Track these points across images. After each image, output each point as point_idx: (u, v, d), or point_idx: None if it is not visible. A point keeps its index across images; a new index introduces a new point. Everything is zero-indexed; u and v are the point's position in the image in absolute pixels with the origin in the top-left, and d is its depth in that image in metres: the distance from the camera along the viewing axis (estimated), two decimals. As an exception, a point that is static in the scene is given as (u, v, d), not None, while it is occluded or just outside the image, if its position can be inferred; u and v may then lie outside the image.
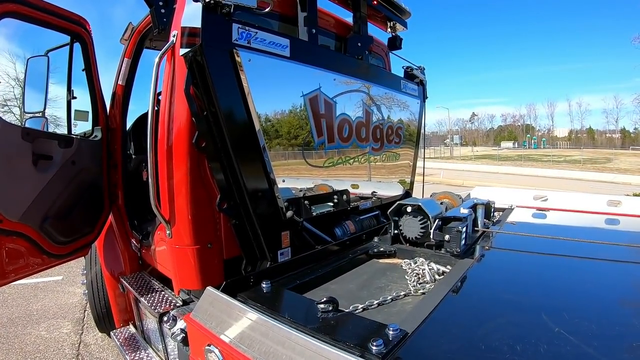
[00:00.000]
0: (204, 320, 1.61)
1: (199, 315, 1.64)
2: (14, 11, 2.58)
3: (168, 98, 2.27)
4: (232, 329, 1.48)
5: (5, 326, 4.72)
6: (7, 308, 5.31)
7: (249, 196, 2.24)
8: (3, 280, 2.68)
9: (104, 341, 4.29)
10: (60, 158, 2.97)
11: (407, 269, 2.21)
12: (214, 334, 1.54)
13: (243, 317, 1.47)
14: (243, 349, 1.39)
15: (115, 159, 3.40)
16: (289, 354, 1.24)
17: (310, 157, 2.77)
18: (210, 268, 2.39)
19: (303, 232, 2.58)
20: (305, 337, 1.25)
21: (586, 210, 3.46)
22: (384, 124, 3.56)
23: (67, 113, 3.34)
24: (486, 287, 2.00)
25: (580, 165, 36.53)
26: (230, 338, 1.45)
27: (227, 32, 2.09)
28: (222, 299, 1.59)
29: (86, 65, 3.22)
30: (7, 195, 2.58)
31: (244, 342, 1.41)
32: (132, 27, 3.39)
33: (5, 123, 2.58)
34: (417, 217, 2.43)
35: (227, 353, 1.44)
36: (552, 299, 1.78)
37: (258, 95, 2.23)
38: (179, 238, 2.35)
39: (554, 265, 2.25)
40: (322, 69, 2.75)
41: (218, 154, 2.19)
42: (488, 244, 2.54)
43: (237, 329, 1.46)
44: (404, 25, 3.70)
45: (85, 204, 3.21)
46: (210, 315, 1.60)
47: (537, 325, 1.47)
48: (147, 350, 3.15)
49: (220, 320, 1.54)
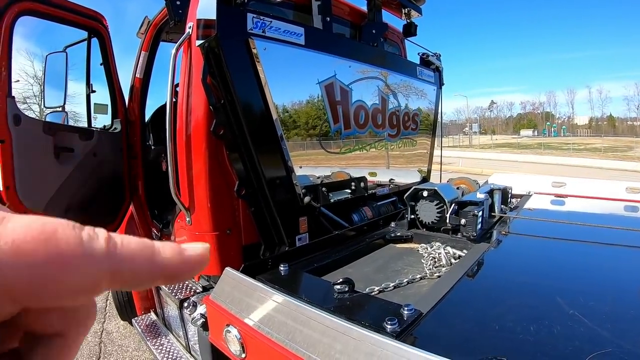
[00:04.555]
0: (223, 301, 1.67)
1: (218, 297, 1.70)
2: (32, 9, 2.65)
3: (185, 89, 2.31)
4: (250, 309, 1.53)
5: (30, 316, 4.87)
6: (32, 298, 5.46)
7: (267, 183, 2.28)
8: None
9: (126, 329, 4.42)
10: (81, 150, 3.06)
11: (424, 253, 2.24)
12: (232, 314, 1.59)
13: (261, 297, 1.52)
14: (261, 327, 1.43)
15: (135, 150, 3.49)
16: (306, 330, 1.29)
17: (328, 144, 2.80)
18: (229, 254, 2.45)
19: (320, 217, 2.62)
20: (321, 313, 1.29)
21: (605, 197, 3.43)
22: (400, 110, 3.56)
23: (87, 106, 3.45)
24: (501, 270, 2.02)
25: (601, 154, 35.75)
26: (249, 318, 1.50)
27: (242, 21, 2.12)
28: (241, 279, 1.64)
29: (104, 59, 3.31)
30: (31, 187, 2.67)
31: (262, 321, 1.45)
32: (148, 20, 3.45)
33: (27, 118, 2.66)
34: (434, 201, 2.45)
35: (246, 332, 1.49)
36: (567, 283, 1.79)
37: (274, 84, 2.26)
38: (199, 225, 2.41)
39: (571, 251, 2.25)
40: (337, 57, 2.76)
41: (236, 142, 2.23)
42: (505, 229, 2.55)
43: (255, 308, 1.51)
44: (418, 12, 3.68)
45: (106, 195, 3.32)
46: (229, 296, 1.65)
47: (552, 307, 1.48)
48: (168, 337, 3.24)
49: (239, 300, 1.59)
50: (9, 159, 2.51)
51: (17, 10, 2.54)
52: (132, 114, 3.49)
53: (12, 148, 2.52)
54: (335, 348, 1.17)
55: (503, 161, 30.18)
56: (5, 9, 2.47)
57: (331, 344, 1.19)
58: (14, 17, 2.53)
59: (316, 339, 1.24)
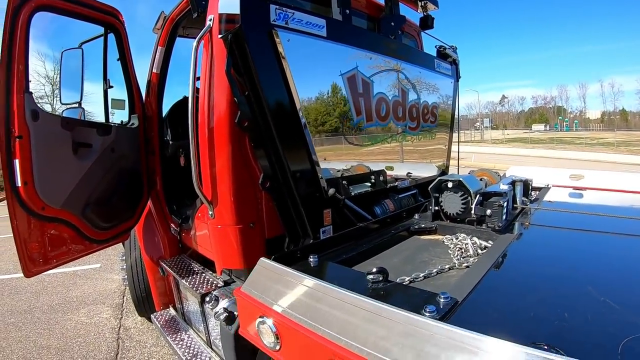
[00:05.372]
0: (256, 292, 1.68)
1: (251, 288, 1.72)
2: (48, 4, 2.67)
3: (207, 82, 2.33)
4: (287, 299, 1.55)
5: (46, 312, 4.96)
6: (47, 295, 5.57)
7: (292, 175, 2.30)
8: (46, 266, 2.82)
9: (144, 325, 4.47)
10: (99, 145, 3.08)
11: (449, 244, 2.26)
12: (267, 305, 1.60)
13: (299, 286, 1.54)
14: (298, 317, 1.45)
15: (153, 145, 3.51)
16: (347, 317, 1.30)
17: (351, 137, 2.83)
18: (253, 247, 2.47)
19: (345, 209, 2.63)
20: (364, 299, 1.31)
21: (623, 189, 3.41)
22: (419, 103, 3.57)
23: (104, 102, 3.46)
24: (529, 261, 2.03)
25: (614, 148, 35.47)
26: (285, 307, 1.52)
27: (265, 13, 2.15)
28: (277, 269, 1.67)
29: (121, 55, 3.32)
30: (49, 182, 2.69)
31: (299, 310, 1.47)
32: (164, 16, 3.47)
33: (45, 113, 2.68)
34: (458, 192, 2.46)
35: (281, 323, 1.51)
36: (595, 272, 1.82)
37: (298, 75, 2.29)
38: (222, 218, 2.44)
39: (595, 242, 2.27)
40: (357, 49, 2.78)
41: (260, 134, 2.25)
42: (527, 221, 2.56)
43: (292, 298, 1.53)
44: (435, 4, 3.68)
45: (124, 190, 3.34)
46: (263, 286, 1.67)
47: (582, 295, 1.51)
48: (188, 332, 3.27)
49: (274, 290, 1.61)
50: (27, 154, 2.54)
51: (34, 5, 2.56)
52: (150, 109, 3.52)
53: (30, 143, 2.54)
54: (377, 333, 1.19)
55: (516, 156, 30.06)
56: (22, 4, 2.49)
57: (374, 330, 1.20)
58: (30, 13, 2.55)
59: (356, 325, 1.26)
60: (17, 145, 2.49)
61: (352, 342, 1.23)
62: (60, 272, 6.27)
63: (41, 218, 2.71)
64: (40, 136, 2.60)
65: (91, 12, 3.01)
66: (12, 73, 2.44)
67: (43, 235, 2.77)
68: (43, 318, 4.81)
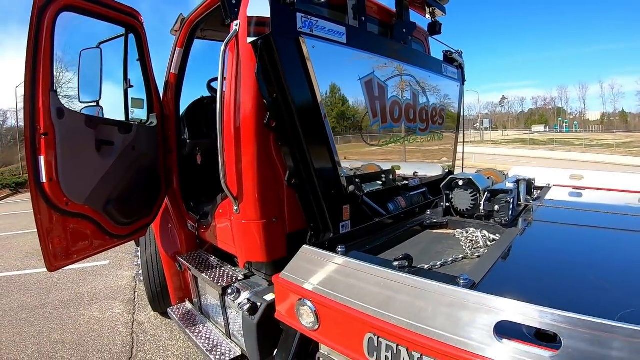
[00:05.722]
0: (296, 277, 1.91)
1: (288, 274, 1.94)
2: (73, 5, 2.80)
3: (234, 83, 2.53)
4: (327, 281, 1.78)
5: (58, 308, 5.10)
6: (58, 292, 5.73)
7: (316, 173, 2.50)
8: (68, 260, 2.93)
9: (157, 320, 4.64)
10: (120, 143, 3.23)
11: (460, 237, 2.49)
12: (307, 288, 1.83)
13: (340, 268, 1.76)
14: (338, 296, 1.68)
15: (170, 144, 3.70)
16: (387, 293, 1.53)
17: (368, 137, 3.04)
18: (275, 241, 2.67)
19: (362, 205, 2.84)
20: (405, 275, 1.54)
21: (622, 189, 3.60)
22: (429, 105, 3.80)
23: (124, 101, 3.61)
24: (533, 251, 2.29)
25: (614, 149, 35.91)
26: (325, 289, 1.75)
27: (293, 20, 2.34)
28: (320, 254, 1.88)
29: (140, 55, 3.48)
30: (73, 179, 2.82)
31: (339, 290, 1.70)
32: (182, 18, 3.65)
33: (69, 111, 2.81)
34: (468, 189, 2.69)
35: (321, 303, 1.73)
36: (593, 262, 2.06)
37: (322, 79, 2.49)
38: (246, 213, 2.63)
39: (593, 236, 2.49)
40: (374, 54, 2.99)
41: (287, 134, 2.45)
42: (530, 217, 2.77)
43: (332, 279, 1.77)
44: (443, 11, 3.91)
45: (143, 187, 3.50)
46: (304, 270, 1.90)
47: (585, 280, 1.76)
48: (205, 324, 3.45)
49: (314, 274, 1.84)
50: (53, 151, 2.65)
51: (59, 6, 2.69)
52: (167, 109, 3.70)
53: (55, 141, 2.65)
54: (416, 305, 1.41)
55: (516, 157, 30.33)
56: (48, 4, 2.61)
57: (412, 302, 1.44)
58: (55, 13, 2.66)
59: (396, 300, 1.49)
60: (43, 143, 2.60)
61: (392, 314, 1.45)
62: (69, 269, 6.30)
63: (65, 213, 2.81)
64: (65, 133, 2.72)
65: (113, 13, 3.16)
66: (37, 72, 2.55)
67: (66, 230, 2.87)
68: (55, 313, 4.95)
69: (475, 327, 1.29)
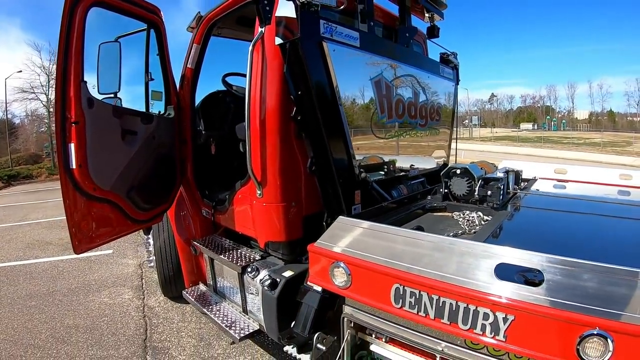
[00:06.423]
0: (330, 244, 2.36)
1: (323, 242, 2.39)
2: (103, 1, 3.06)
3: (260, 80, 2.93)
4: (359, 244, 2.24)
5: (67, 295, 5.36)
6: (65, 280, 6.00)
7: (334, 161, 2.89)
8: (93, 243, 3.19)
9: (167, 304, 4.96)
10: (143, 133, 3.52)
11: (458, 218, 2.96)
12: (341, 253, 2.28)
13: (372, 232, 2.23)
14: (368, 256, 2.14)
15: (185, 134, 4.03)
16: (410, 248, 2.01)
17: (376, 131, 3.47)
18: (293, 223, 3.09)
19: (372, 191, 3.26)
20: (424, 234, 2.05)
21: (601, 182, 4.05)
22: (427, 103, 4.27)
23: (145, 93, 3.91)
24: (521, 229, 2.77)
25: (600, 148, 37.10)
26: (357, 251, 2.20)
27: (317, 26, 2.74)
28: (355, 222, 2.35)
29: (160, 50, 3.77)
30: (100, 165, 3.06)
31: (370, 251, 2.15)
32: (199, 16, 4.00)
33: (98, 101, 3.08)
34: (464, 177, 3.16)
35: (354, 263, 2.18)
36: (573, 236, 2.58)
37: (340, 79, 2.89)
38: (269, 197, 3.04)
39: (576, 220, 2.94)
40: (382, 57, 3.43)
41: (309, 127, 2.85)
42: (518, 203, 3.25)
43: (363, 242, 2.23)
44: (440, 16, 4.40)
45: (162, 175, 3.83)
46: (339, 238, 2.35)
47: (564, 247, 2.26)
48: (221, 304, 3.79)
49: (348, 239, 2.29)
50: (83, 139, 2.87)
51: (89, 2, 2.93)
52: (183, 101, 4.04)
53: (85, 129, 2.88)
54: (434, 256, 1.88)
55: (504, 153, 31.04)
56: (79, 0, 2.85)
57: (430, 254, 1.92)
58: (86, 8, 2.89)
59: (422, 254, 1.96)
60: (74, 131, 2.82)
61: (415, 266, 1.92)
62: (73, 258, 6.73)
63: (92, 198, 3.03)
64: (94, 122, 2.96)
65: (137, 9, 3.43)
66: (69, 64, 2.78)
67: (92, 215, 3.09)
68: (65, 300, 5.20)
69: (480, 270, 1.75)
